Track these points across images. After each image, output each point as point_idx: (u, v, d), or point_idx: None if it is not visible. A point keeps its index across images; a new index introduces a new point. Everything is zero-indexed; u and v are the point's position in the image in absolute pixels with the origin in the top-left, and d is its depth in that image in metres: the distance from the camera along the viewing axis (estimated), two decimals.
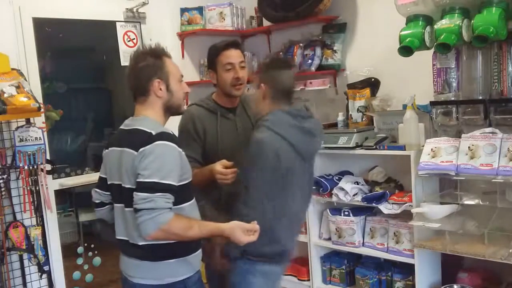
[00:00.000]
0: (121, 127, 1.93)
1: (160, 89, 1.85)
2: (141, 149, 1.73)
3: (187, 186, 1.87)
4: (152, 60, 1.85)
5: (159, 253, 1.81)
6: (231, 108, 2.35)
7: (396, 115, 2.90)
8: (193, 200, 1.93)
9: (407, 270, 2.89)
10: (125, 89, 2.00)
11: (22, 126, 2.83)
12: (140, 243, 1.80)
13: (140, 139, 1.76)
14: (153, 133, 1.76)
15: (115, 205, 1.91)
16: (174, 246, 1.81)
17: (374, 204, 2.92)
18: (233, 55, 2.29)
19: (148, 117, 1.87)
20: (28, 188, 2.87)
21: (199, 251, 1.95)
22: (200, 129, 2.28)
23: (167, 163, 1.74)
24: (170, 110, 1.92)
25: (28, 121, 2.86)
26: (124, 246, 1.89)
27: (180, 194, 1.80)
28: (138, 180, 1.72)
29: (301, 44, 3.53)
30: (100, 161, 2.00)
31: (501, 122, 2.54)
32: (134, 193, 1.72)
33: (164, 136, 1.77)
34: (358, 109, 3.13)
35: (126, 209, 1.82)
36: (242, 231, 1.82)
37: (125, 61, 3.53)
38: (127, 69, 1.90)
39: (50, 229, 3.13)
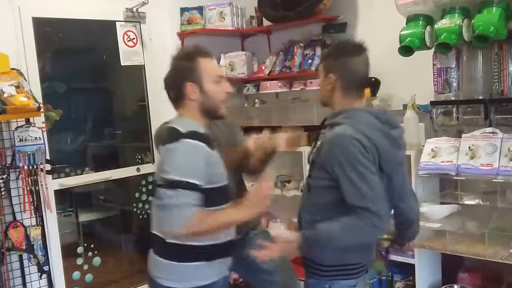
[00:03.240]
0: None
1: (194, 92, 1.83)
2: (167, 145, 1.74)
3: (221, 190, 1.84)
4: (184, 63, 1.85)
5: (184, 253, 1.80)
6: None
7: (396, 115, 2.87)
8: (229, 204, 1.87)
9: (407, 270, 2.88)
10: (125, 89, 2.02)
11: (21, 126, 2.83)
12: (167, 240, 1.79)
13: (169, 136, 1.76)
14: (183, 131, 1.76)
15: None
16: (200, 249, 1.79)
17: None
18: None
19: (184, 117, 1.86)
20: (28, 188, 2.87)
21: (229, 259, 1.92)
22: None
23: (190, 161, 1.72)
24: (207, 112, 1.87)
25: (28, 121, 2.86)
26: (153, 242, 1.88)
27: (211, 196, 1.77)
28: (161, 175, 1.72)
29: (301, 44, 3.52)
30: (100, 161, 2.01)
31: (502, 122, 2.54)
32: (158, 188, 1.74)
33: (194, 135, 1.76)
34: None
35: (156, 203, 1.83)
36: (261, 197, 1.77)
37: (125, 61, 3.53)
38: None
39: (50, 229, 3.12)
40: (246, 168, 2.34)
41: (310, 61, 3.41)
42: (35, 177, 2.89)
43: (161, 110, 3.73)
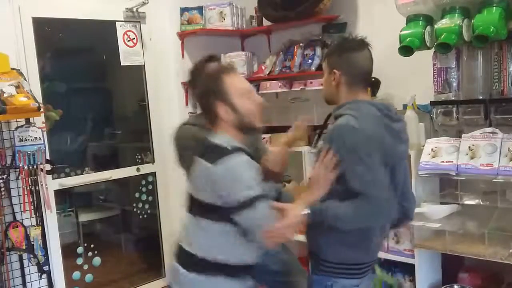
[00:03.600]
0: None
1: (226, 112, 1.76)
2: (219, 165, 1.66)
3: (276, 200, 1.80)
4: (210, 84, 1.78)
5: (207, 266, 1.76)
6: None
7: None
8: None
9: (407, 270, 2.88)
10: (125, 89, 2.00)
11: (21, 126, 2.83)
12: (193, 252, 1.77)
13: (217, 153, 1.69)
14: (229, 147, 1.70)
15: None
16: (222, 264, 1.76)
17: None
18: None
19: (222, 134, 1.79)
20: (28, 188, 2.87)
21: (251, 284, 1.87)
22: None
23: (254, 173, 1.69)
24: (243, 128, 1.80)
25: (28, 121, 2.86)
26: (178, 252, 1.85)
27: None
28: (223, 195, 1.66)
29: (301, 44, 3.52)
30: (100, 161, 1.99)
31: (502, 122, 2.53)
32: (206, 209, 1.73)
33: (239, 150, 1.71)
34: None
35: (188, 214, 1.82)
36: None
37: (125, 61, 3.53)
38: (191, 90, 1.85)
39: (49, 229, 3.13)
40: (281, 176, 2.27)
41: (310, 61, 3.41)
42: (35, 177, 2.89)
43: (161, 110, 3.74)
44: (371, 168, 1.69)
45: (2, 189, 2.80)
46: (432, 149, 2.59)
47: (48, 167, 2.97)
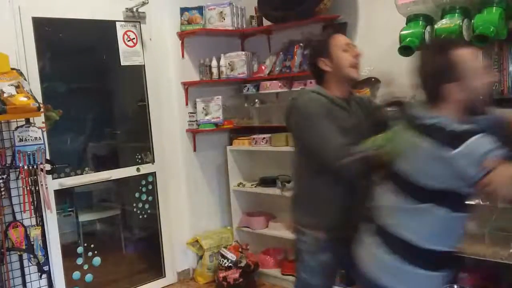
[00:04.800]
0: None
1: (457, 91, 1.64)
2: (470, 146, 1.56)
3: None
4: (439, 58, 1.66)
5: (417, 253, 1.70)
6: (345, 99, 2.12)
7: None
8: None
9: None
10: (125, 89, 1.99)
11: (21, 126, 2.83)
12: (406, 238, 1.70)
13: (454, 137, 1.59)
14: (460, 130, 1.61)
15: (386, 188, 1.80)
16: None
17: None
18: (345, 38, 2.13)
19: (444, 115, 1.67)
20: (28, 188, 2.87)
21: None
22: (327, 115, 2.02)
23: None
24: (469, 106, 1.69)
25: (27, 121, 2.86)
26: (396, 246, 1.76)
27: None
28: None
29: (301, 44, 3.52)
30: (100, 161, 1.98)
31: None
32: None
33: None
34: None
35: (416, 205, 1.70)
36: None
37: (125, 61, 3.53)
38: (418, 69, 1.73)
39: (49, 229, 3.13)
40: None
41: None
42: (35, 177, 2.89)
43: (161, 110, 3.74)
44: None
45: (2, 189, 2.80)
46: None
47: (48, 167, 2.97)
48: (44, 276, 2.99)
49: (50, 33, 3.31)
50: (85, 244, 3.48)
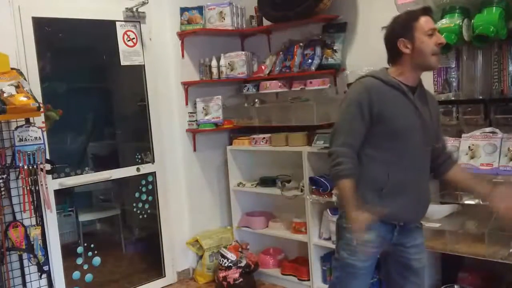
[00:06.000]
0: None
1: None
2: None
3: None
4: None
5: None
6: (411, 87, 2.04)
7: None
8: None
9: None
10: (125, 89, 1.98)
11: (21, 126, 2.83)
12: None
13: None
14: None
15: None
16: None
17: None
18: (432, 22, 2.00)
19: None
20: (28, 188, 2.87)
21: None
22: (375, 102, 1.96)
23: None
24: None
25: (27, 120, 2.86)
26: None
27: None
28: None
29: (301, 44, 3.53)
30: (100, 161, 1.98)
31: (502, 122, 2.54)
32: None
33: None
34: None
35: None
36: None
37: (125, 61, 3.53)
38: None
39: (49, 229, 3.13)
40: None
41: (310, 61, 3.41)
42: (35, 177, 2.89)
43: (161, 110, 3.74)
44: None
45: (2, 189, 2.80)
46: None
47: (48, 167, 2.97)
48: (44, 276, 2.99)
49: (50, 33, 3.31)
50: (85, 244, 3.48)
